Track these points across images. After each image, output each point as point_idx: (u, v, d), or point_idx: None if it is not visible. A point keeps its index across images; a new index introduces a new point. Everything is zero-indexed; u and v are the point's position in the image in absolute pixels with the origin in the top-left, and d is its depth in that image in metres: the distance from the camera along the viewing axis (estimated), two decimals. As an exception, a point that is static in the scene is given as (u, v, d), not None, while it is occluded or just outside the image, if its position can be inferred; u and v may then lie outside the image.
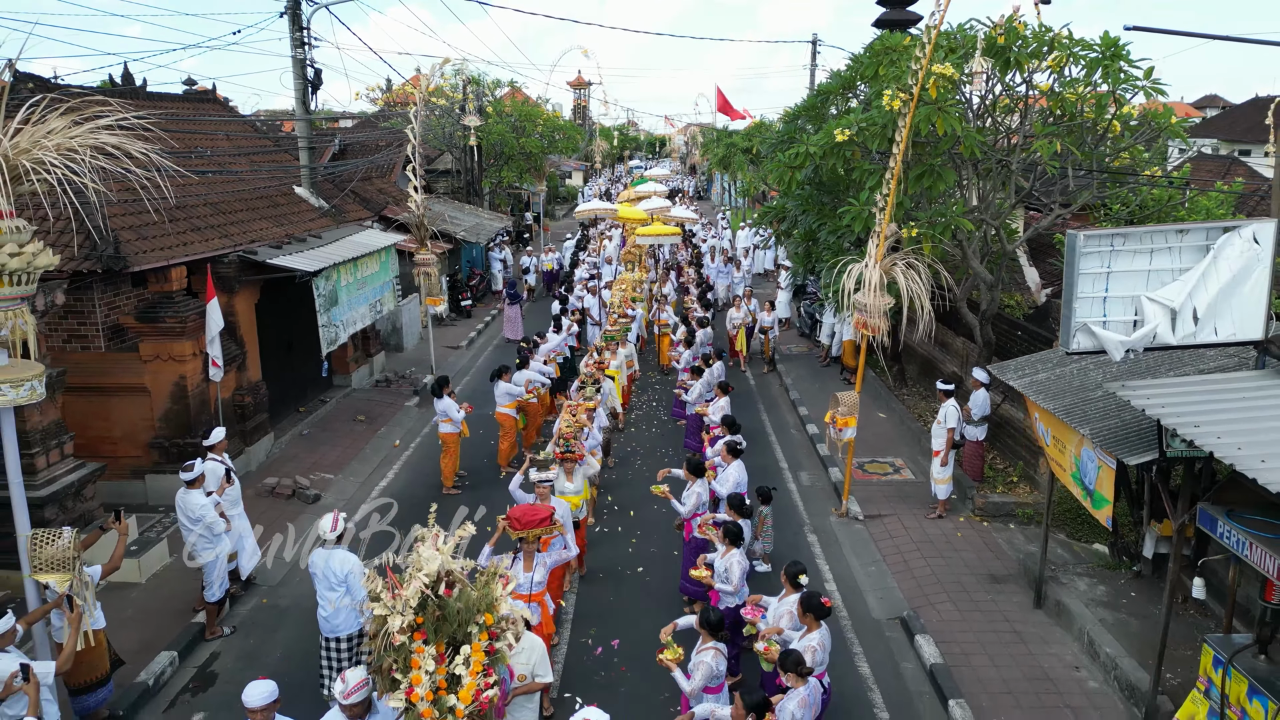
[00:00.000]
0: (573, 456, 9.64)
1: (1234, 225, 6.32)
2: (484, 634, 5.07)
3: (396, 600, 4.93)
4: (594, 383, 12.44)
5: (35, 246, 6.09)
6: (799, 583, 6.99)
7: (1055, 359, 9.09)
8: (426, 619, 4.93)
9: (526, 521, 7.34)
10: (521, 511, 7.46)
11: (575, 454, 9.68)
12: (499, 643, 5.14)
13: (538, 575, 7.44)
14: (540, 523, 7.38)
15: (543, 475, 8.67)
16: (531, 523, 7.34)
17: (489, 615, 5.10)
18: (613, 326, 16.11)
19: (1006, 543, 11.04)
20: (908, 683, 8.48)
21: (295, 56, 15.83)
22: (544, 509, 7.58)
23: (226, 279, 12.66)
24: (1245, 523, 6.05)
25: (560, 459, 9.57)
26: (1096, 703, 7.91)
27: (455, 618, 4.99)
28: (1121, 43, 10.77)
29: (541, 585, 7.49)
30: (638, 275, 20.72)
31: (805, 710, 5.85)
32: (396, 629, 4.83)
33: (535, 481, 8.59)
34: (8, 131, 5.77)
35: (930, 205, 11.89)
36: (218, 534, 8.79)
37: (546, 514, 7.47)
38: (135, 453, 11.88)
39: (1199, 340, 6.43)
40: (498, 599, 5.20)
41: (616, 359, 14.50)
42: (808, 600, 6.58)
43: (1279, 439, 5.47)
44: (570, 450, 9.67)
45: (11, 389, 6.12)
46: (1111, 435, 7.18)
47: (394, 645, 4.85)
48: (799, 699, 5.84)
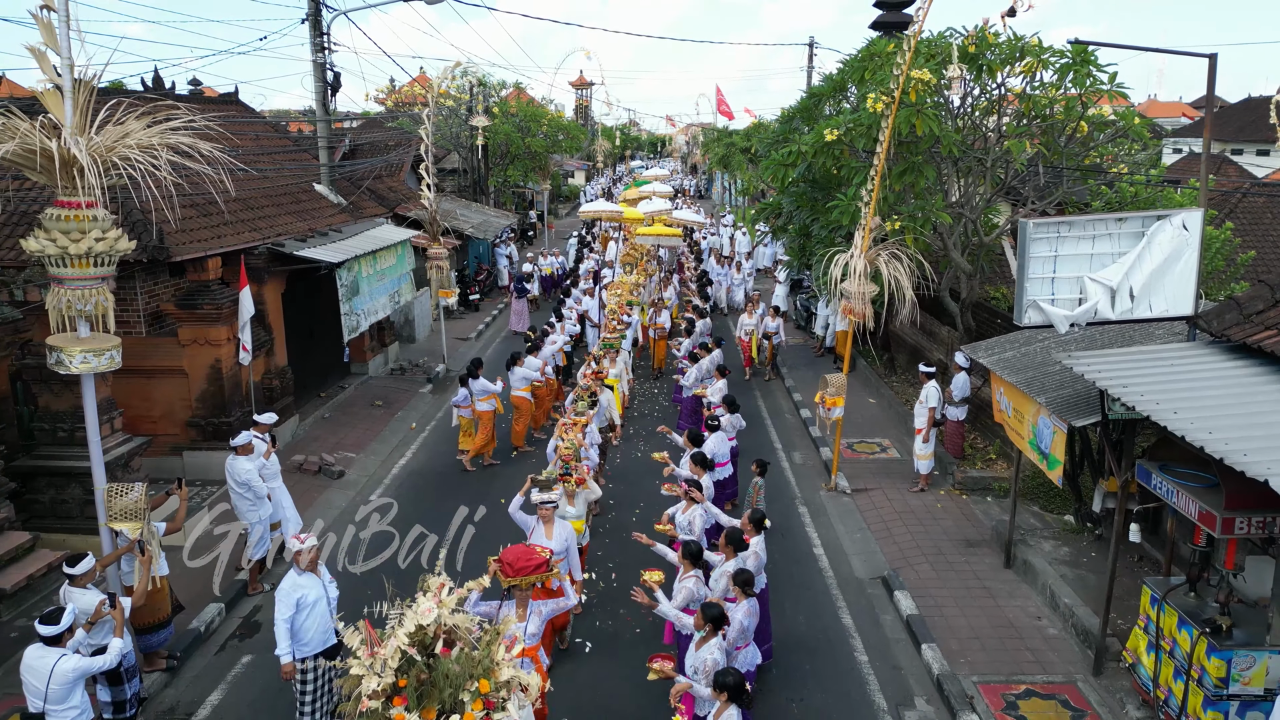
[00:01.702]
0: (573, 480, 9.08)
1: (1166, 214, 7.18)
2: (479, 702, 4.44)
3: (374, 659, 4.41)
4: (590, 396, 11.80)
5: (116, 233, 6.97)
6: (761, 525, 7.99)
7: (1022, 339, 9.97)
8: (409, 682, 4.37)
9: (520, 567, 6.54)
10: (515, 555, 6.64)
11: (576, 477, 9.12)
12: (497, 714, 4.50)
13: (531, 626, 6.64)
14: (536, 569, 6.56)
15: (545, 496, 8.14)
16: (526, 568, 6.54)
17: (485, 682, 4.50)
18: (610, 333, 15.53)
19: (983, 513, 11.91)
20: (886, 631, 9.35)
21: (315, 61, 16.69)
22: (540, 555, 6.71)
23: (256, 269, 13.54)
24: (1174, 474, 6.93)
25: (561, 481, 9.01)
26: (1054, 646, 8.78)
27: (446, 682, 4.43)
28: (1090, 49, 11.69)
29: (535, 638, 6.69)
30: (635, 278, 20.00)
31: (751, 619, 7.02)
32: (369, 692, 4.30)
33: (538, 503, 8.10)
34: (96, 132, 6.65)
35: (913, 200, 12.74)
36: (260, 496, 9.67)
37: (543, 560, 6.66)
38: (174, 430, 12.76)
39: (1135, 316, 7.31)
40: (499, 663, 4.65)
41: (615, 367, 14.08)
42: (730, 534, 7.70)
43: (1205, 402, 6.32)
44: (570, 473, 9.09)
45: (95, 357, 7.01)
46: (1064, 403, 8.06)
47: (365, 711, 4.30)
48: (744, 609, 6.95)
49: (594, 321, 19.52)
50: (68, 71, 6.61)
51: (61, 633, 6.22)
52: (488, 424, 13.28)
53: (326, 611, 7.06)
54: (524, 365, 13.76)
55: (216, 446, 12.84)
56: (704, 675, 6.25)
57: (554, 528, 8.18)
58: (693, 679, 6.29)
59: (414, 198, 22.02)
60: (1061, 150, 12.32)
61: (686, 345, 16.29)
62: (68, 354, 6.93)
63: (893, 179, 11.99)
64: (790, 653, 8.84)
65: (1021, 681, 8.22)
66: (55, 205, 6.78)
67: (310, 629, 7.01)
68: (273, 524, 9.93)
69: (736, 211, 36.67)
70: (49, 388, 10.48)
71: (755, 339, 18.52)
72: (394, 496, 12.53)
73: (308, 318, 15.76)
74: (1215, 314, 7.24)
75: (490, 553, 6.78)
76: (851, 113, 13.52)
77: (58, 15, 6.57)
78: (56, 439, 10.57)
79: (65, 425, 10.53)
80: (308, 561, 7.01)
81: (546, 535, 8.10)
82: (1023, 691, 8.08)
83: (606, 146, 67.16)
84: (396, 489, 13.00)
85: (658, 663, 6.34)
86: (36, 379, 10.46)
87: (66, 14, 6.59)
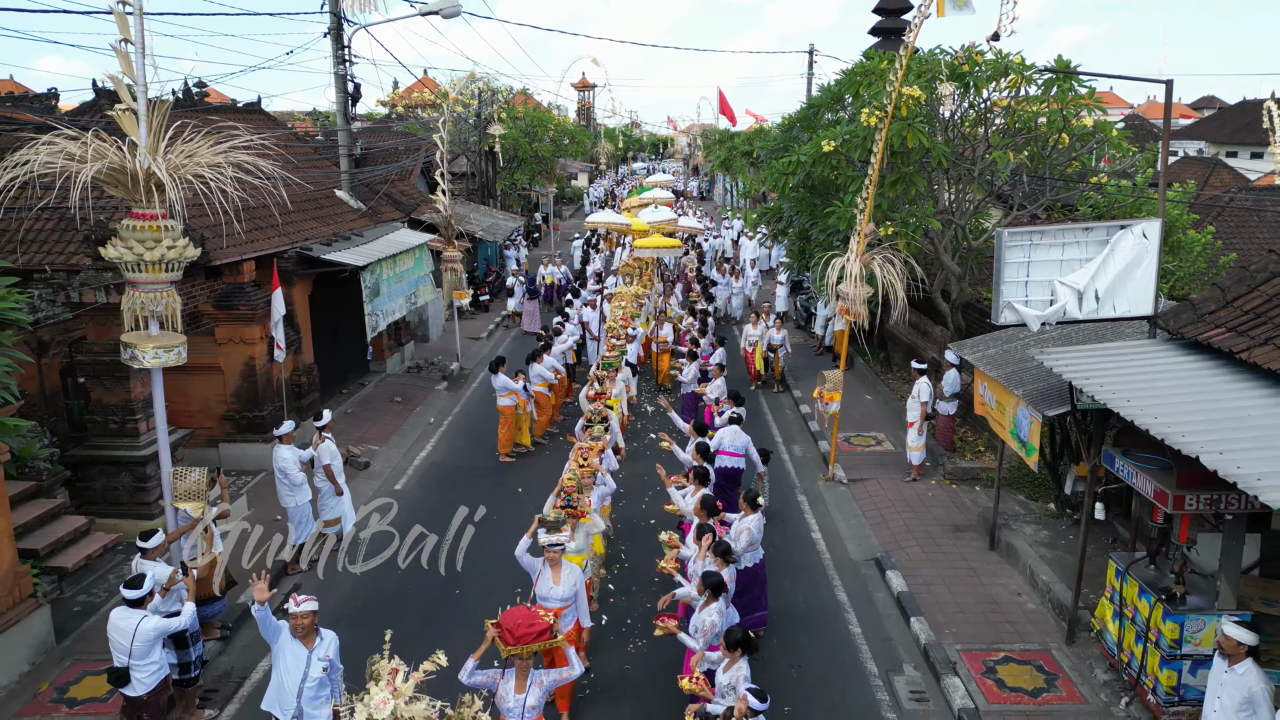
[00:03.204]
0: (575, 513, 8.62)
1: (1128, 224, 7.97)
2: None
3: None
4: (601, 420, 11.29)
5: (184, 241, 7.77)
6: (756, 503, 8.83)
7: (1004, 338, 10.76)
8: None
9: (520, 635, 6.19)
10: (515, 621, 6.28)
11: (578, 510, 8.67)
12: None
13: (531, 698, 6.26)
14: (537, 636, 6.23)
15: (553, 538, 7.66)
16: (527, 636, 6.20)
17: None
18: (610, 352, 14.73)
19: (971, 501, 12.69)
20: (878, 607, 10.13)
21: (337, 73, 17.49)
22: (543, 620, 6.38)
23: (285, 272, 14.33)
24: (1135, 458, 7.71)
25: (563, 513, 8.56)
26: (1032, 619, 9.57)
27: None
28: (1073, 65, 12.50)
29: (535, 712, 6.32)
30: (636, 289, 19.42)
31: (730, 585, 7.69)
32: None
33: (545, 545, 7.65)
34: (170, 150, 7.45)
35: (906, 207, 13.53)
36: (296, 484, 10.45)
37: (545, 626, 6.33)
38: (210, 424, 13.56)
39: (1100, 316, 8.09)
40: None
41: (615, 387, 13.62)
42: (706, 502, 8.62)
43: (1157, 392, 7.10)
44: (572, 505, 8.65)
45: (165, 353, 7.81)
46: (1039, 395, 8.84)
47: None
48: (727, 575, 7.65)
49: (593, 334, 18.73)
50: (143, 97, 7.40)
51: (144, 596, 7.00)
52: (509, 419, 14.06)
53: (294, 688, 6.40)
54: (542, 363, 14.58)
55: (250, 439, 13.68)
56: (702, 635, 7.08)
57: (561, 571, 7.69)
58: (693, 637, 7.14)
59: (425, 201, 22.85)
60: (1046, 159, 13.11)
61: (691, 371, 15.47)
62: (141, 350, 7.72)
63: (886, 187, 12.78)
64: (790, 626, 9.63)
65: (1000, 649, 9.01)
66: (131, 217, 7.57)
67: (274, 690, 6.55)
68: (330, 519, 10.64)
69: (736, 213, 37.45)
70: (100, 383, 11.26)
71: (760, 350, 18.33)
72: (407, 491, 13.33)
73: (331, 318, 16.56)
74: (1173, 314, 8.02)
75: (490, 552, 7.23)
76: (848, 123, 14.31)
77: (134, 48, 7.37)
78: (107, 430, 11.35)
79: (116, 417, 11.31)
80: (301, 629, 6.45)
81: (554, 580, 7.65)
82: (1001, 658, 8.86)
83: (609, 149, 68.09)
84: (419, 480, 13.81)
85: (663, 621, 7.20)
86: (90, 375, 11.24)
87: (142, 47, 7.39)
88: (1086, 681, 8.45)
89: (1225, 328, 7.49)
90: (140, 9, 7.25)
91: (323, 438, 10.74)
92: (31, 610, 8.76)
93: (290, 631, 6.51)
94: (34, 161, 6.81)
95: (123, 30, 7.28)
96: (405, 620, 9.48)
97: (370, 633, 9.37)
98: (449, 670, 5.44)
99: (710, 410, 13.83)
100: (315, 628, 6.58)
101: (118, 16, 7.21)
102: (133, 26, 7.34)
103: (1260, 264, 7.85)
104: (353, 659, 8.34)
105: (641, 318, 18.23)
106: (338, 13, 16.95)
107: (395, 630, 8.49)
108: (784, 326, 18.80)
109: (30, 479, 10.46)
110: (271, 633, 6.56)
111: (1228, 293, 7.81)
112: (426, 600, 9.95)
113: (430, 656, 5.18)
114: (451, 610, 9.76)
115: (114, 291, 10.71)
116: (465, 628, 9.25)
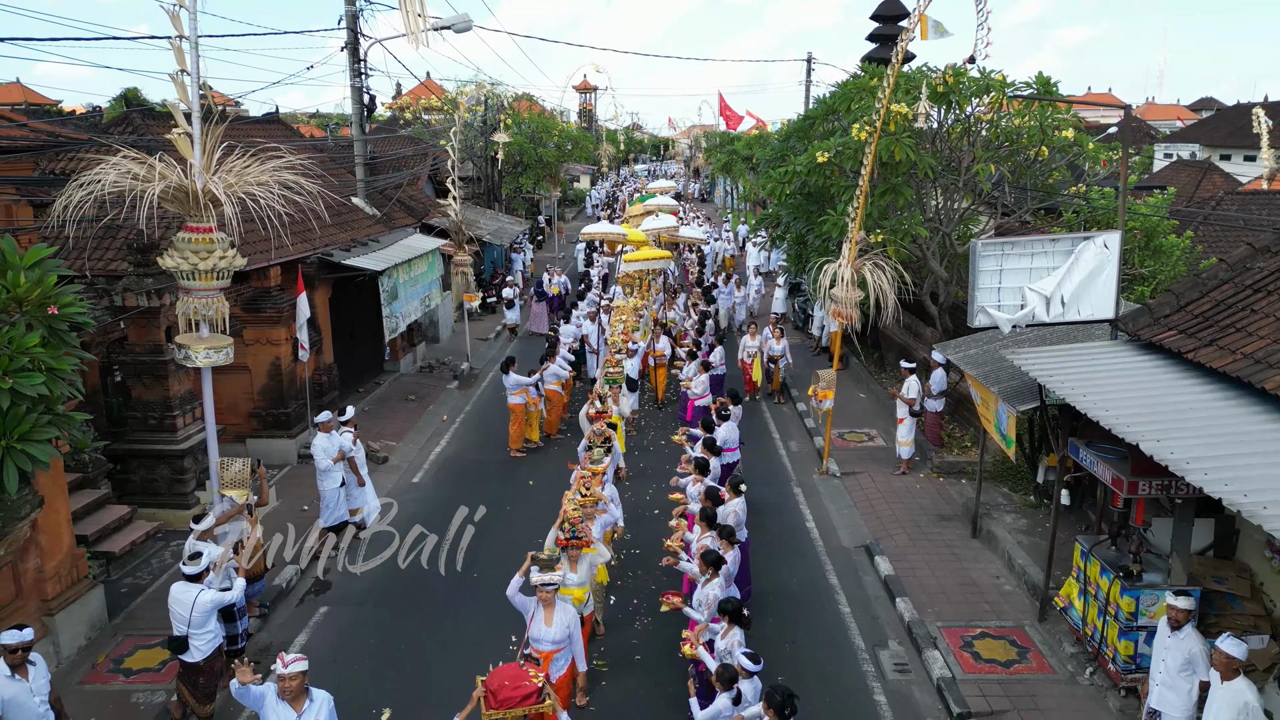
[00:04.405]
0: (579, 544, 8.34)
1: (1090, 236, 8.74)
2: None
3: None
4: (604, 442, 11.05)
5: (232, 252, 8.55)
6: (739, 488, 9.62)
7: (985, 339, 11.52)
8: None
9: (505, 698, 6.13)
10: (500, 683, 6.21)
11: (583, 540, 8.38)
12: None
13: None
14: (524, 700, 6.17)
15: (546, 578, 7.35)
16: (511, 700, 6.12)
17: None
18: (613, 368, 14.52)
19: (956, 493, 13.46)
20: (867, 590, 10.91)
21: (353, 85, 18.28)
22: (531, 682, 6.28)
23: (308, 276, 15.10)
24: (1097, 449, 8.48)
25: (564, 546, 8.29)
26: (1008, 599, 10.35)
27: None
28: (1053, 81, 13.31)
29: None
30: (634, 302, 18.91)
31: (734, 565, 8.51)
32: None
33: (538, 585, 7.35)
34: (221, 170, 8.23)
35: (896, 215, 14.31)
36: (323, 470, 11.22)
37: (534, 689, 6.24)
38: (238, 420, 14.33)
39: (1066, 319, 8.86)
40: None
41: (620, 405, 13.42)
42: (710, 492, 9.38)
43: (1111, 388, 7.85)
44: (577, 536, 8.34)
45: (215, 353, 8.58)
46: (1013, 392, 9.61)
47: None
48: (732, 557, 8.45)
49: (593, 348, 18.41)
50: (198, 122, 8.18)
51: (201, 572, 7.78)
52: (519, 416, 14.85)
53: None
54: (554, 362, 15.40)
55: (276, 434, 14.48)
56: (705, 608, 7.87)
57: (554, 613, 7.38)
58: (697, 610, 7.92)
59: (434, 205, 23.65)
60: (1027, 170, 13.90)
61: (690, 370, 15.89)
62: (194, 350, 8.49)
63: (876, 197, 13.56)
64: (785, 605, 10.41)
65: (978, 626, 9.78)
66: (186, 230, 8.34)
67: None
68: (353, 509, 11.43)
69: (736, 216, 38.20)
70: (141, 381, 12.05)
71: (758, 361, 18.13)
72: (425, 483, 14.14)
73: (348, 319, 17.35)
74: (1132, 317, 8.79)
75: (505, 540, 7.72)
76: (841, 135, 15.10)
77: (190, 78, 8.15)
78: (147, 425, 12.13)
79: (155, 414, 12.10)
80: (290, 691, 5.99)
81: (546, 621, 7.38)
82: (978, 634, 9.64)
83: (611, 151, 68.86)
84: (435, 473, 14.61)
85: (669, 597, 8.01)
86: (131, 373, 12.03)
87: (197, 75, 8.17)
88: (1055, 654, 9.22)
89: (1177, 330, 8.26)
90: (196, 42, 8.03)
91: (344, 432, 11.53)
92: (87, 590, 9.56)
93: (278, 693, 6.01)
94: (105, 181, 7.58)
95: (180, 62, 8.06)
96: (426, 601, 10.29)
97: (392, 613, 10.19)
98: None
99: (693, 403, 14.64)
100: (305, 688, 6.09)
101: (175, 50, 7.99)
102: (188, 56, 8.13)
103: (1211, 272, 8.62)
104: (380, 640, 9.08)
105: (639, 330, 17.86)
106: (355, 29, 17.73)
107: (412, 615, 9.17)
108: (784, 336, 18.52)
109: (76, 471, 11.25)
110: (254, 701, 6.11)
111: (1181, 298, 8.58)
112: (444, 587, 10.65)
113: None
114: (467, 595, 10.48)
115: (154, 296, 11.53)
116: (480, 613, 10.07)
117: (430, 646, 9.53)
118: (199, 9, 8.14)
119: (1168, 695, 7.04)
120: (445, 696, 8.05)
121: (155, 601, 10.27)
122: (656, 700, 8.63)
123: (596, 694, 8.67)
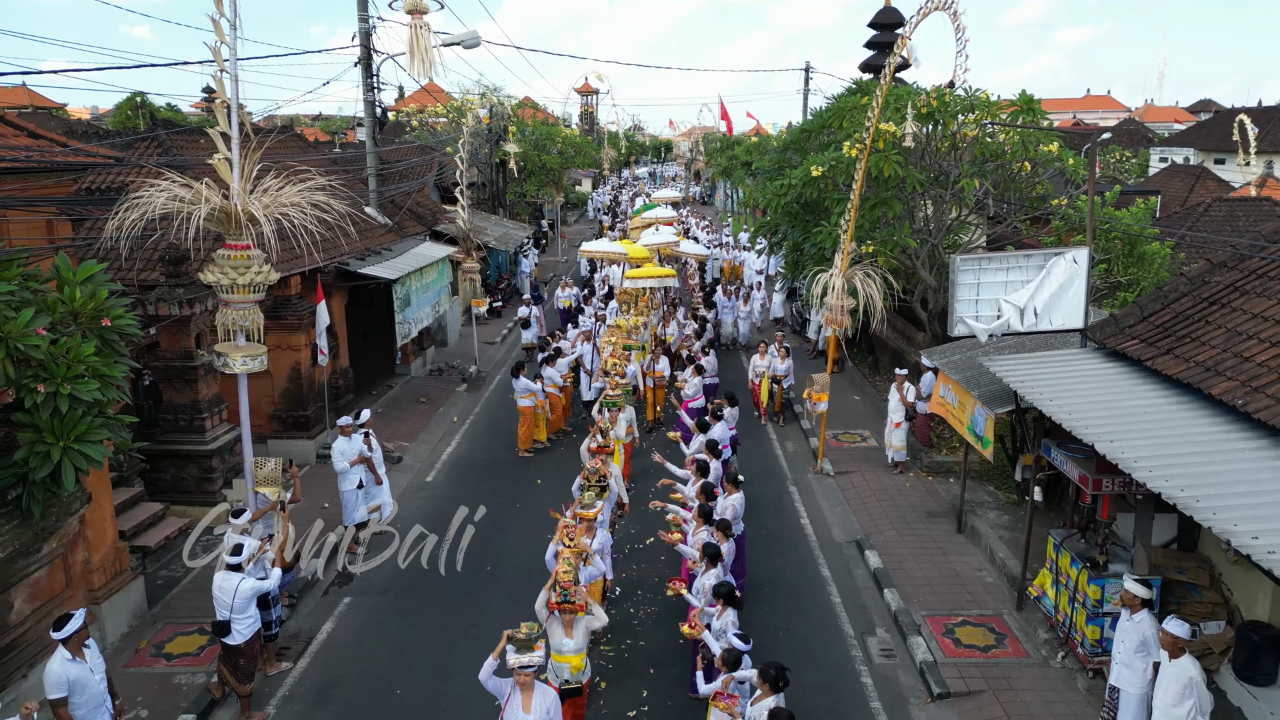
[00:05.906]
0: (572, 608, 7.65)
1: (1060, 251, 9.44)
2: None
3: None
4: (598, 481, 10.18)
5: (267, 268, 9.26)
6: (737, 483, 10.28)
7: (968, 346, 12.19)
8: None
9: None
10: None
11: (576, 604, 7.67)
12: None
13: None
14: None
15: (523, 659, 6.64)
16: None
17: None
18: (614, 390, 13.80)
19: (944, 491, 14.15)
20: (857, 581, 11.60)
21: (366, 100, 18.98)
22: None
23: (325, 284, 15.81)
24: (1066, 449, 9.18)
25: (557, 610, 7.68)
26: (989, 590, 11.04)
27: None
28: (1035, 99, 14.02)
29: None
30: (633, 320, 17.99)
31: (729, 556, 9.14)
32: None
33: (514, 667, 6.65)
34: (257, 191, 8.94)
35: (886, 226, 15.02)
36: (340, 471, 11.91)
37: None
38: (259, 422, 14.97)
39: (1039, 329, 9.56)
40: None
41: (618, 427, 12.89)
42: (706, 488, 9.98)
43: (1076, 392, 8.55)
44: (569, 600, 7.64)
45: (250, 360, 9.29)
46: (992, 396, 10.31)
47: None
48: (727, 549, 9.12)
49: (587, 369, 17.54)
50: (237, 149, 8.88)
51: (242, 562, 8.48)
52: (528, 418, 15.55)
53: None
54: (555, 367, 16.08)
55: (295, 436, 15.18)
56: (703, 595, 8.60)
57: (533, 698, 6.68)
58: (696, 597, 8.63)
59: (440, 212, 24.34)
60: (1011, 183, 14.60)
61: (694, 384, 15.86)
62: (231, 358, 9.20)
63: (867, 209, 14.27)
64: (779, 595, 11.11)
65: (959, 614, 10.48)
66: (225, 247, 9.05)
67: None
68: (372, 506, 12.11)
69: (737, 221, 38.92)
70: (172, 385, 12.76)
71: (765, 382, 17.97)
72: (438, 481, 14.82)
73: (361, 326, 18.05)
74: (1099, 327, 9.49)
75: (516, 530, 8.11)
76: (834, 150, 15.80)
77: (231, 108, 8.85)
78: (177, 427, 12.84)
79: (185, 416, 12.81)
80: None
81: (524, 707, 6.68)
82: (959, 622, 10.33)
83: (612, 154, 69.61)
84: (448, 472, 15.32)
85: (673, 584, 8.73)
86: (163, 378, 12.73)
87: (236, 101, 8.88)
88: (1030, 640, 9.92)
89: (1139, 339, 8.96)
90: (236, 76, 8.74)
91: (365, 432, 12.21)
92: (130, 580, 10.26)
93: None
94: (155, 204, 8.28)
95: (222, 92, 8.77)
96: (446, 589, 10.98)
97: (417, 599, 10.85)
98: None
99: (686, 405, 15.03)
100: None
101: (218, 83, 8.70)
102: (228, 87, 8.84)
103: (1172, 284, 9.32)
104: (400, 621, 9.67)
105: (637, 349, 16.93)
106: (368, 45, 18.44)
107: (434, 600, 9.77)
108: (789, 356, 18.17)
109: (112, 470, 11.94)
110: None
111: (1144, 309, 9.28)
112: (463, 576, 11.40)
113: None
114: (484, 584, 11.22)
115: (186, 305, 12.24)
116: (496, 597, 10.78)
117: (450, 629, 10.22)
118: (238, 42, 8.85)
119: (1125, 673, 7.72)
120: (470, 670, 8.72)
121: (189, 592, 11.00)
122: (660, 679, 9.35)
123: (605, 672, 9.39)
